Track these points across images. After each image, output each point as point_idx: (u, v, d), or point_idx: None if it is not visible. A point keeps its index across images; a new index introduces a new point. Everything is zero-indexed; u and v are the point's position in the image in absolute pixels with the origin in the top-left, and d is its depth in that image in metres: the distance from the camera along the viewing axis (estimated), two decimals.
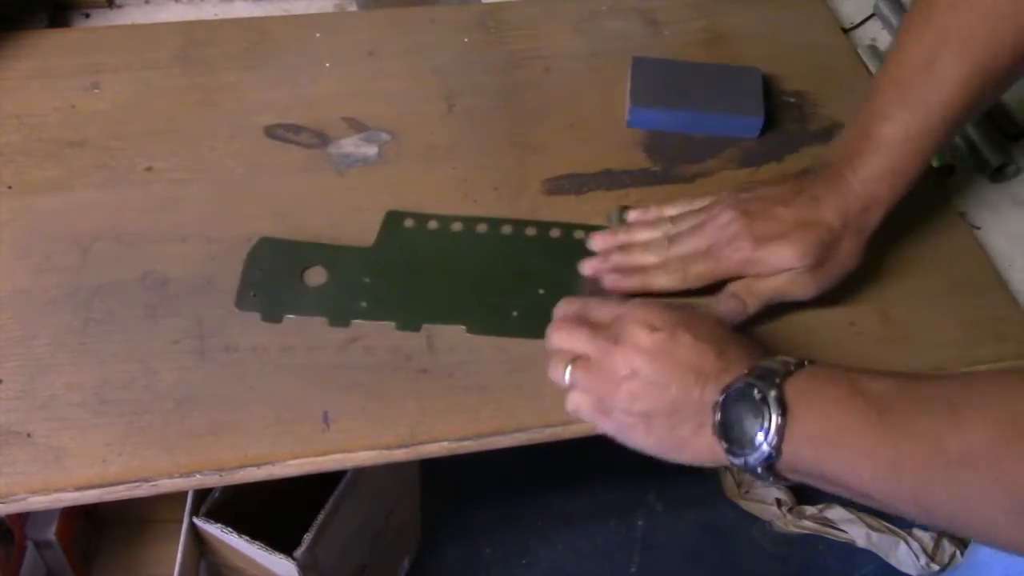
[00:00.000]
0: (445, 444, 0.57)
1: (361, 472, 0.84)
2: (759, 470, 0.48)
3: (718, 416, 0.49)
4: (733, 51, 0.82)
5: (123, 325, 0.60)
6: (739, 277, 0.60)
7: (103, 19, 0.83)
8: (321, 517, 0.80)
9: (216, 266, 0.64)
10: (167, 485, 0.55)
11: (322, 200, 0.68)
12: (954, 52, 0.57)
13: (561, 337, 0.55)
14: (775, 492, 1.28)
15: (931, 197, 0.72)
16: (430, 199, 0.69)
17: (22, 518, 0.82)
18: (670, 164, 0.74)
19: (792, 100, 0.79)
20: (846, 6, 0.89)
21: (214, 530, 0.80)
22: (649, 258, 0.62)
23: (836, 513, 1.27)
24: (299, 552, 0.78)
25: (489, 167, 0.71)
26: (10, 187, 0.67)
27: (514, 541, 1.24)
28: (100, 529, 0.94)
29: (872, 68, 0.83)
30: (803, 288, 0.59)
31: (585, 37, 0.82)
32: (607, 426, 0.54)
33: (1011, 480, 0.41)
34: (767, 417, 0.47)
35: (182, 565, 0.80)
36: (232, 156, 0.70)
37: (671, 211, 0.64)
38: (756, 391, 0.48)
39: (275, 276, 0.63)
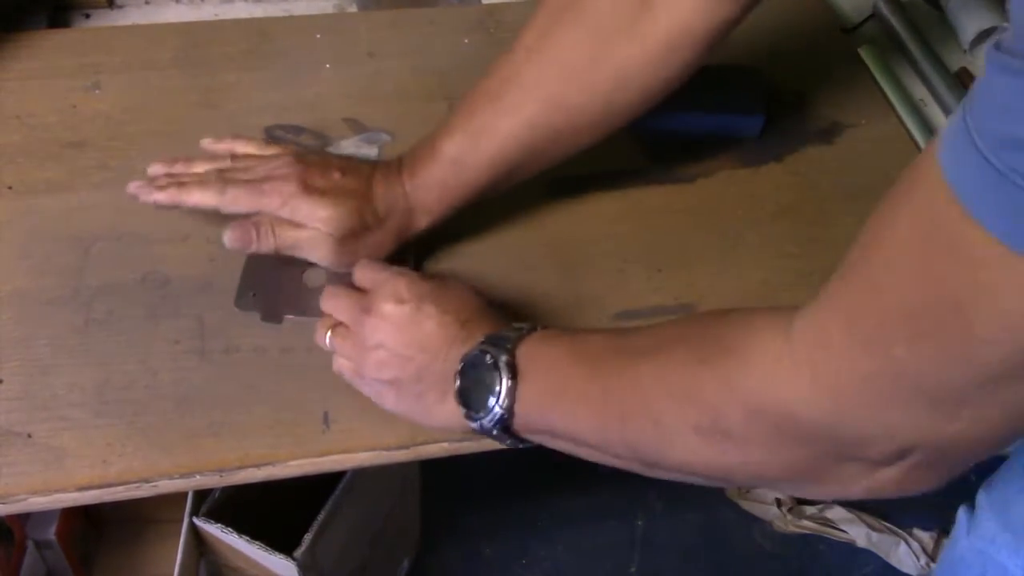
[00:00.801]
0: (445, 445, 0.57)
1: (361, 472, 0.84)
2: (494, 432, 0.51)
3: (458, 383, 0.52)
4: (733, 51, 0.82)
5: (124, 326, 0.60)
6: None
7: (103, 20, 0.83)
8: (321, 517, 0.80)
9: (216, 267, 0.64)
10: (167, 486, 0.55)
11: None
12: (521, 95, 0.58)
13: (327, 303, 0.57)
14: (775, 492, 1.28)
15: None
16: None
17: (22, 518, 0.82)
18: (670, 164, 0.74)
19: (792, 100, 0.79)
20: (846, 6, 0.89)
21: (214, 530, 0.80)
22: (193, 169, 0.61)
23: (836, 513, 1.27)
24: (299, 552, 0.78)
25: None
26: (11, 187, 0.67)
27: (514, 541, 1.24)
28: (100, 529, 0.94)
29: (872, 68, 0.83)
30: (321, 252, 0.59)
31: None
32: (364, 390, 0.56)
33: (702, 398, 0.43)
34: (498, 380, 0.50)
35: (182, 565, 0.80)
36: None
37: (242, 148, 0.64)
38: (488, 356, 0.50)
39: (275, 276, 0.63)
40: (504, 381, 0.50)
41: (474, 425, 0.52)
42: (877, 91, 0.81)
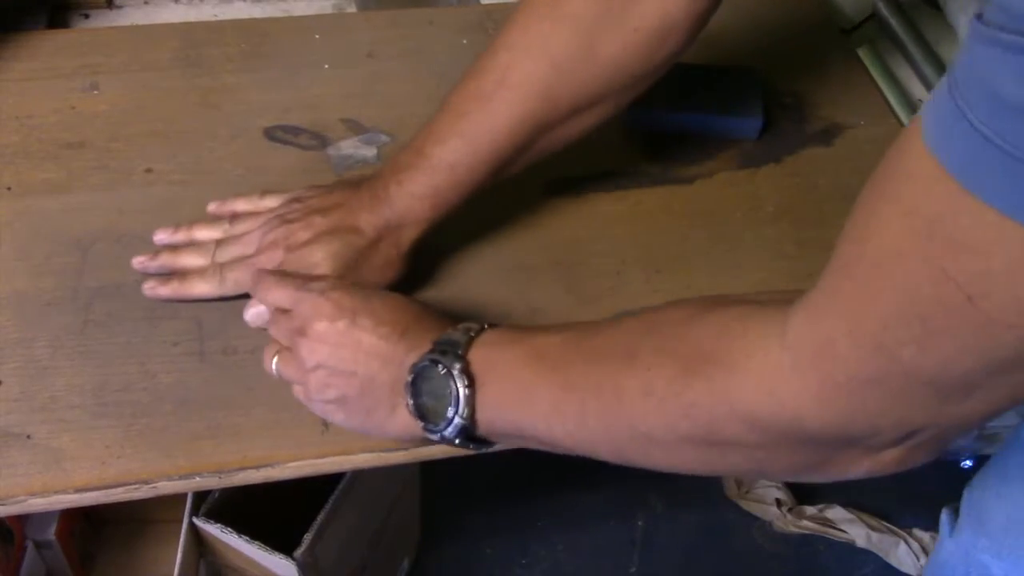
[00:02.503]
0: (444, 447, 0.57)
1: (361, 473, 0.84)
2: (457, 441, 0.50)
3: (410, 399, 0.50)
4: (732, 52, 0.82)
5: (123, 327, 0.60)
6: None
7: (102, 20, 0.83)
8: (321, 517, 0.80)
9: None
10: (166, 487, 0.55)
11: None
12: (511, 92, 0.58)
13: (271, 328, 0.56)
14: (775, 492, 1.28)
15: None
16: None
17: (22, 518, 0.82)
18: (669, 165, 0.74)
19: (791, 101, 0.79)
20: (845, 6, 0.89)
21: (214, 530, 0.80)
22: (194, 261, 0.62)
23: (836, 513, 1.27)
24: (299, 552, 0.78)
25: None
26: (9, 188, 0.67)
27: (514, 541, 1.24)
28: (100, 529, 0.94)
29: (871, 69, 0.83)
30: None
31: None
32: (314, 411, 0.55)
33: (695, 410, 0.42)
34: (454, 389, 0.48)
35: (182, 565, 0.80)
36: (231, 158, 0.71)
37: (242, 206, 0.64)
38: (441, 367, 0.49)
39: None
40: (461, 391, 0.48)
41: (434, 437, 0.50)
42: (876, 92, 0.81)
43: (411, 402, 0.50)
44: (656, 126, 0.76)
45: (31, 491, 0.53)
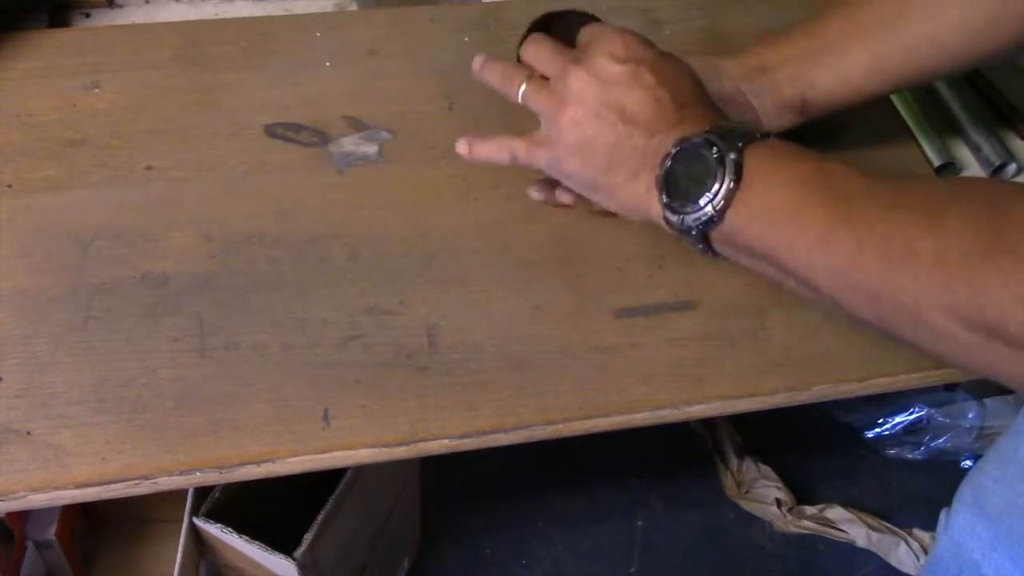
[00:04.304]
0: (446, 442, 0.57)
1: (361, 472, 0.84)
2: (693, 232, 0.46)
3: (668, 164, 0.47)
4: (733, 51, 0.82)
5: (123, 323, 0.60)
6: None
7: (103, 19, 0.83)
8: (321, 517, 0.80)
9: (216, 264, 0.64)
10: (167, 483, 0.55)
11: (322, 199, 0.68)
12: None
13: (528, 50, 0.53)
14: (775, 492, 1.28)
15: None
16: (430, 198, 0.69)
17: (22, 518, 0.82)
18: None
19: None
20: None
21: (214, 530, 0.80)
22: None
23: (836, 513, 1.27)
24: (299, 552, 0.78)
25: (490, 166, 0.71)
26: (10, 186, 0.67)
27: (514, 541, 1.24)
28: (100, 529, 0.94)
29: None
30: None
31: None
32: (544, 158, 0.51)
33: (981, 294, 0.39)
34: (719, 178, 0.45)
35: (182, 565, 0.80)
36: (232, 155, 0.70)
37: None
38: (715, 149, 0.45)
39: None
40: (726, 181, 0.44)
41: (673, 218, 0.46)
42: None
43: (667, 167, 0.46)
44: None
45: (31, 487, 0.53)
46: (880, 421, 1.32)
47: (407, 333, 0.61)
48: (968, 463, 1.28)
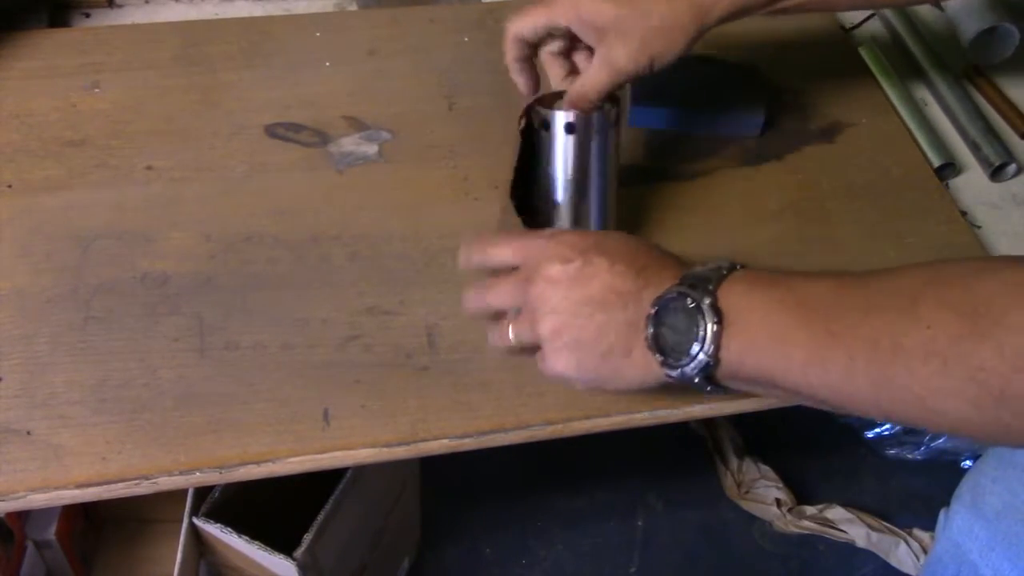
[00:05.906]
0: (446, 442, 0.57)
1: (361, 472, 0.84)
2: (696, 380, 0.48)
3: (651, 329, 0.48)
4: (734, 50, 0.82)
5: (123, 323, 0.60)
6: None
7: (103, 19, 0.83)
8: (321, 517, 0.80)
9: (216, 264, 0.64)
10: (167, 483, 0.55)
11: (322, 199, 0.68)
12: None
13: (490, 297, 0.54)
14: (775, 492, 1.28)
15: (932, 196, 0.72)
16: (430, 197, 0.69)
17: (22, 518, 0.82)
18: (671, 163, 0.74)
19: (793, 99, 0.79)
20: None
21: (214, 530, 0.80)
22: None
23: (836, 513, 1.27)
24: (299, 552, 0.78)
25: (489, 165, 0.71)
26: (10, 186, 0.67)
27: (514, 541, 1.24)
28: (100, 529, 0.94)
29: (873, 67, 0.83)
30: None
31: None
32: (546, 371, 0.51)
33: (984, 373, 0.39)
34: (702, 325, 0.46)
35: (182, 565, 0.80)
36: (232, 155, 0.70)
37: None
38: (689, 300, 0.47)
39: None
40: (709, 326, 0.46)
41: (673, 374, 0.48)
42: (878, 90, 0.81)
43: (651, 331, 0.48)
44: (657, 123, 0.76)
45: (31, 487, 0.53)
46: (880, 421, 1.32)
47: (407, 333, 0.61)
48: (968, 463, 1.28)
